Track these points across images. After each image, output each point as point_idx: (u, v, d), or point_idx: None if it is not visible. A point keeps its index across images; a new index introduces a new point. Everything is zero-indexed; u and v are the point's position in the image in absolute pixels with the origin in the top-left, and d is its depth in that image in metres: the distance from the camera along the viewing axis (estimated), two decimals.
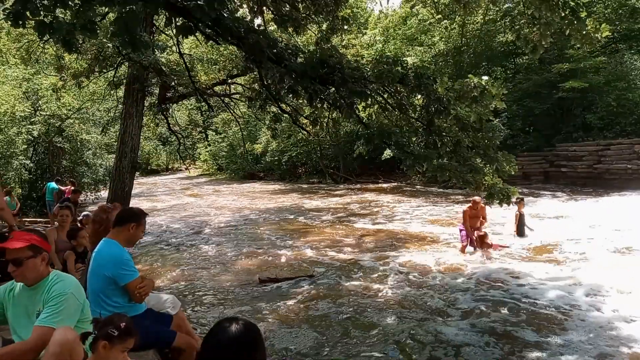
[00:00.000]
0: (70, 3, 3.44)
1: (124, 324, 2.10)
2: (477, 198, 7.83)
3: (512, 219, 8.90)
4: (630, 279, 5.98)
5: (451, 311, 5.30)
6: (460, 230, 8.09)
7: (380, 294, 5.96)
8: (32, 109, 15.85)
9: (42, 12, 3.34)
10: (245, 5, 8.60)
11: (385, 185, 21.92)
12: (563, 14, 5.53)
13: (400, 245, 8.76)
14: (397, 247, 8.58)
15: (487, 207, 7.52)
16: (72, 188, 12.05)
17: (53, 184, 12.88)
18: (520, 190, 7.56)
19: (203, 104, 19.44)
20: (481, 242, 7.77)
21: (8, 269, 2.30)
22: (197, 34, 4.81)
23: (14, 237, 2.37)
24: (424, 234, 9.75)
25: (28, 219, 12.15)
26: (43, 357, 2.12)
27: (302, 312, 5.43)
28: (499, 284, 6.18)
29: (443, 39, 22.11)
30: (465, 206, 8.28)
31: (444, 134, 5.72)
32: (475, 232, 7.93)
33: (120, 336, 2.07)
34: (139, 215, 3.12)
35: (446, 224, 10.75)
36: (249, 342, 1.34)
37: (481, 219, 8.14)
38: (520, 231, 8.69)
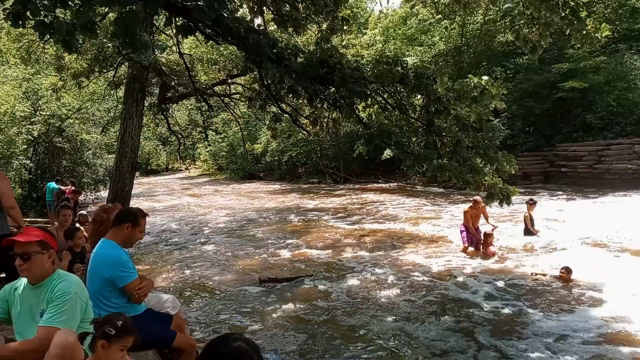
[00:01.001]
0: (70, 3, 3.43)
1: (120, 322, 2.09)
2: (477, 198, 7.79)
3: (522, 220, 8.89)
4: (625, 279, 6.00)
5: (451, 313, 5.29)
6: (462, 231, 8.04)
7: (380, 295, 5.96)
8: (32, 109, 15.84)
9: (42, 12, 3.33)
10: (245, 5, 8.61)
11: (385, 185, 21.91)
12: (563, 14, 5.52)
13: (400, 245, 8.76)
14: (397, 247, 8.57)
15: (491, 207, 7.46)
16: (73, 188, 12.06)
17: (53, 184, 12.89)
18: (520, 191, 7.54)
19: (203, 104, 19.42)
20: (485, 242, 7.75)
21: (15, 262, 2.32)
22: (197, 34, 4.81)
23: (24, 232, 2.41)
24: (424, 234, 9.75)
25: (28, 219, 12.15)
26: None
27: (302, 312, 5.43)
28: (497, 284, 6.17)
29: (443, 39, 22.10)
30: (467, 206, 8.24)
31: (444, 134, 5.72)
32: (483, 231, 7.92)
33: (117, 335, 2.06)
34: (136, 216, 3.06)
35: (446, 224, 10.75)
36: None
37: (483, 218, 8.13)
38: (528, 232, 8.68)
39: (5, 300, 2.43)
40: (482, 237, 7.83)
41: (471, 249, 7.89)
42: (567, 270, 6.12)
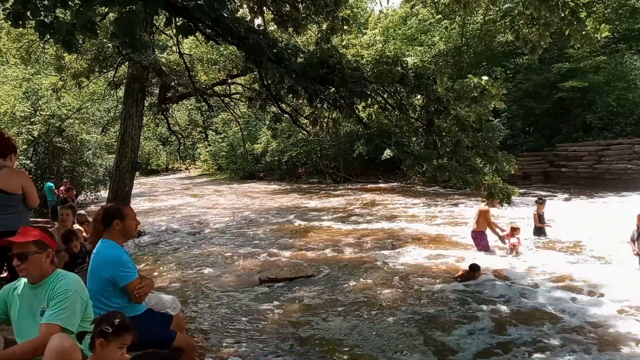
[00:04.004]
0: (70, 3, 3.43)
1: (118, 320, 2.10)
2: None
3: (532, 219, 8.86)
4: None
5: (451, 313, 5.29)
6: (481, 238, 7.73)
7: (380, 295, 5.96)
8: (32, 109, 15.86)
9: (42, 12, 3.33)
10: (245, 5, 8.61)
11: (385, 185, 21.91)
12: (562, 14, 5.53)
13: (400, 245, 8.75)
14: (396, 247, 8.57)
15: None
16: (66, 187, 12.00)
17: (50, 184, 12.96)
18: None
19: (203, 104, 19.44)
20: (512, 235, 7.72)
21: (13, 262, 2.33)
22: (197, 34, 4.81)
23: (22, 232, 2.40)
24: (424, 234, 9.75)
25: None
26: None
27: (302, 312, 5.43)
28: (497, 283, 6.17)
29: (443, 39, 22.11)
30: (483, 205, 7.74)
31: (444, 134, 5.71)
32: (510, 225, 7.89)
33: (115, 332, 2.07)
34: (118, 210, 3.06)
35: (446, 224, 10.75)
36: None
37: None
38: (538, 231, 8.65)
39: (4, 301, 2.43)
40: (509, 231, 7.78)
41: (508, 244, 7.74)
42: (472, 269, 6.37)
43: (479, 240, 7.83)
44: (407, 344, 4.45)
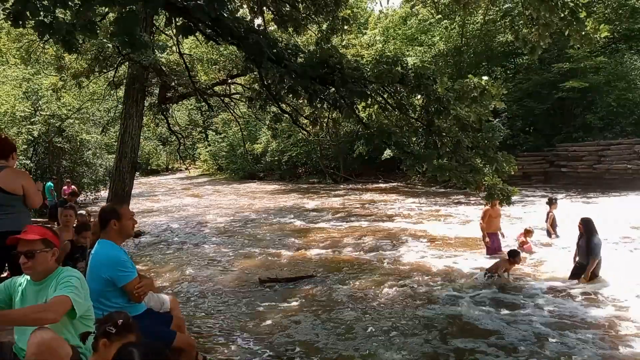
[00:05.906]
0: (70, 3, 3.43)
1: (121, 320, 2.11)
2: None
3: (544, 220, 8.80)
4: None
5: (451, 314, 5.29)
6: (489, 237, 7.56)
7: (380, 295, 5.96)
8: (32, 109, 15.86)
9: (42, 12, 3.33)
10: (245, 5, 8.62)
11: (385, 185, 21.92)
12: (562, 15, 5.53)
13: (400, 245, 8.76)
14: (397, 247, 8.58)
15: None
16: (72, 189, 12.02)
17: (50, 183, 12.98)
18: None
19: (203, 104, 19.44)
20: (526, 237, 7.74)
21: (19, 260, 2.35)
22: (197, 34, 4.81)
23: (28, 230, 2.43)
24: (424, 234, 9.75)
25: None
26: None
27: (302, 313, 5.43)
28: (497, 285, 6.18)
29: (443, 39, 22.11)
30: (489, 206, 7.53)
31: (444, 134, 5.72)
32: (523, 228, 7.94)
33: (118, 333, 2.08)
34: (114, 210, 3.07)
35: (446, 224, 10.75)
36: None
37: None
38: (551, 231, 8.59)
39: (9, 293, 2.46)
40: (523, 233, 7.82)
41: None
42: (512, 254, 6.27)
43: (491, 242, 7.67)
44: (408, 345, 4.45)
